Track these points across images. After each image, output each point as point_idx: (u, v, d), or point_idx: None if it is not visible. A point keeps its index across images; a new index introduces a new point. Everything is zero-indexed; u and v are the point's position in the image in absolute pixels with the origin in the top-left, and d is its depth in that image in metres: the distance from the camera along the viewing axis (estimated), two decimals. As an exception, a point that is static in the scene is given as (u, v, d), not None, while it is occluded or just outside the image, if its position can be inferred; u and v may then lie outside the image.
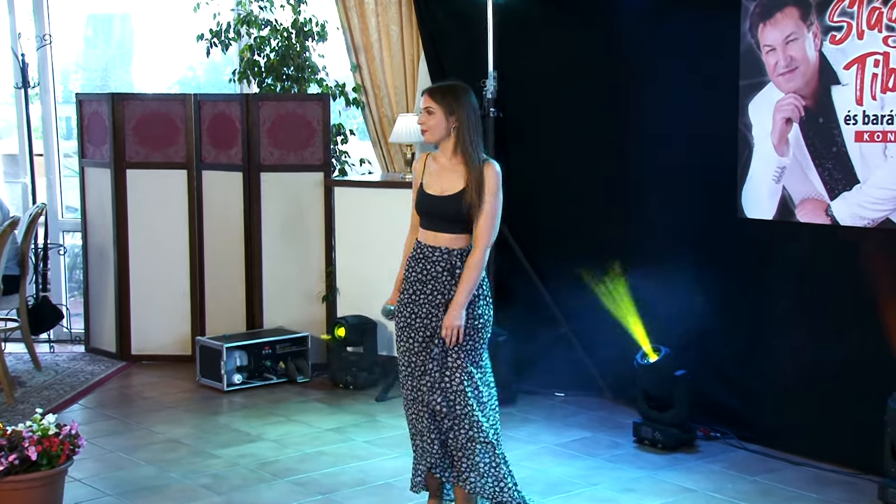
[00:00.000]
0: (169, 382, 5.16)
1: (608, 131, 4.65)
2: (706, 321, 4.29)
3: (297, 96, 5.43)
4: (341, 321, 4.98)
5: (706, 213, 4.31)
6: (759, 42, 4.02)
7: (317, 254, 5.38)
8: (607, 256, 4.64)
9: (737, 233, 4.20)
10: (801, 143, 3.93)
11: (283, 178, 5.33)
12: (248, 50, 5.57)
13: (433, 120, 3.08)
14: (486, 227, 3.05)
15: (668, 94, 4.36)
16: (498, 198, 3.06)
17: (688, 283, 4.35)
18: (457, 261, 3.10)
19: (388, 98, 5.54)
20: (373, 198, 5.13)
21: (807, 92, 3.89)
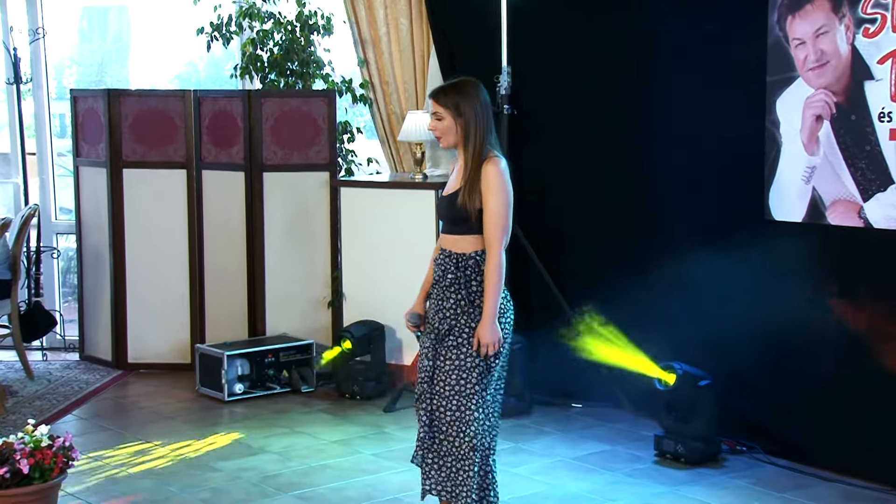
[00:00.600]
0: (167, 392, 5.18)
1: (627, 129, 4.64)
2: (731, 328, 4.28)
3: (302, 93, 5.45)
4: (346, 333, 4.97)
5: (731, 216, 4.30)
6: (788, 35, 4.01)
7: (322, 258, 5.39)
8: (625, 259, 4.64)
9: (764, 236, 4.19)
10: (833, 141, 3.92)
11: (286, 178, 5.34)
12: (251, 44, 5.59)
13: (444, 125, 3.07)
14: (493, 229, 3.00)
15: (690, 90, 4.36)
16: (501, 196, 2.99)
17: (711, 288, 4.33)
18: (451, 265, 3.07)
19: (397, 94, 5.55)
20: (381, 199, 5.13)
21: (838, 88, 3.88)
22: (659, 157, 4.54)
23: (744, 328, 4.26)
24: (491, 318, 2.99)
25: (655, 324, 4.50)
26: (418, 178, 5.13)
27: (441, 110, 3.06)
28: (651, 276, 4.52)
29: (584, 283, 4.81)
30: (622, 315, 4.56)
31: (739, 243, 4.28)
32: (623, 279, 4.61)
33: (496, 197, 2.99)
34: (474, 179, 3.01)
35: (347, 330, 4.99)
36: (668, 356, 4.24)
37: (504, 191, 3.00)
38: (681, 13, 4.37)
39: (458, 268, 3.07)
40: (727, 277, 4.30)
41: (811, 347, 4.06)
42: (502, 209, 3.00)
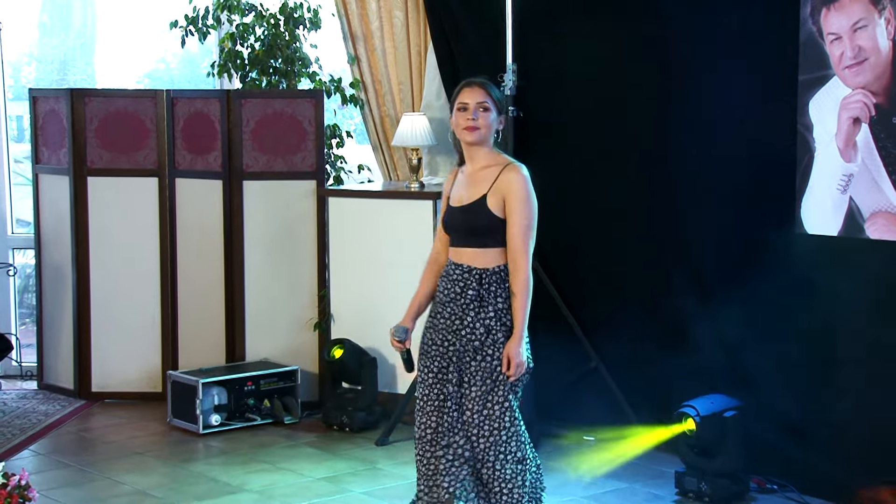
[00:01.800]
0: (136, 424, 5.16)
1: (644, 135, 4.66)
2: (760, 353, 4.28)
3: (286, 93, 5.46)
4: (340, 340, 4.99)
5: (759, 229, 4.31)
6: (822, 30, 4.03)
7: (308, 275, 5.39)
8: (643, 278, 4.64)
9: (796, 251, 4.20)
10: (872, 146, 3.93)
11: (269, 186, 5.35)
12: (230, 39, 5.60)
13: (487, 117, 3.19)
14: (521, 241, 3.13)
15: (714, 91, 4.38)
16: (528, 206, 3.14)
17: (738, 309, 4.33)
18: (472, 281, 3.16)
19: (391, 95, 5.56)
20: (373, 210, 5.14)
21: (878, 87, 3.90)
22: (679, 165, 4.55)
23: (773, 352, 4.25)
24: (521, 336, 3.12)
25: (675, 347, 4.50)
26: (414, 186, 5.13)
27: (490, 102, 3.19)
28: (671, 295, 4.53)
29: (599, 306, 4.80)
30: (639, 337, 4.56)
31: (768, 259, 4.28)
32: (642, 300, 4.62)
33: (524, 207, 3.13)
34: (503, 187, 3.14)
35: (340, 341, 5.01)
36: (690, 384, 4.23)
37: (531, 200, 3.15)
38: (702, 7, 4.39)
39: (481, 284, 3.15)
40: (755, 297, 4.29)
41: (849, 374, 4.07)
42: (530, 220, 3.13)
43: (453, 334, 3.19)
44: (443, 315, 3.22)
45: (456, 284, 3.18)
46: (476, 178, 3.22)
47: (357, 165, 5.80)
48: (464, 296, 3.16)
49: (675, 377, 4.45)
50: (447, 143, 5.37)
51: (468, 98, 3.21)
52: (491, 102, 3.19)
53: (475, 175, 3.22)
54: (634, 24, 4.64)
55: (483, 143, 3.22)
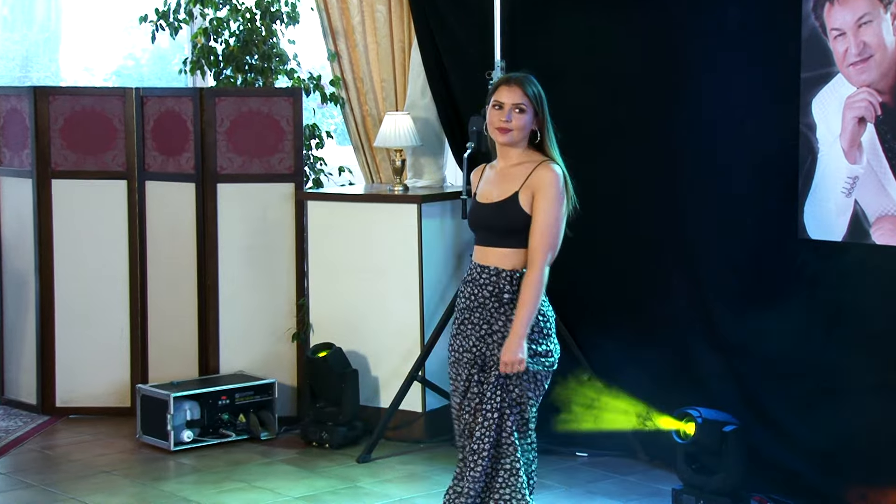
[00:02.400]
0: (103, 441, 5.14)
1: (640, 135, 4.67)
2: (760, 365, 4.29)
3: (263, 91, 5.45)
4: (329, 344, 5.01)
5: (760, 234, 4.32)
6: (826, 25, 4.05)
7: (286, 282, 5.38)
8: (637, 284, 4.64)
9: (798, 258, 4.21)
10: (878, 147, 3.95)
11: (244, 190, 5.34)
12: (203, 34, 5.59)
13: (523, 119, 3.24)
14: (541, 241, 3.18)
15: (713, 89, 4.39)
16: (556, 206, 3.20)
17: (736, 319, 4.35)
18: (505, 284, 3.21)
19: (374, 93, 5.56)
20: (355, 214, 5.13)
21: (884, 86, 3.92)
22: (676, 166, 4.56)
23: (775, 365, 4.27)
24: (520, 336, 3.14)
25: (673, 359, 4.51)
26: (398, 189, 5.13)
27: (527, 103, 3.23)
28: (668, 302, 4.53)
29: (593, 313, 4.80)
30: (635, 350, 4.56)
31: (769, 266, 4.30)
32: (636, 306, 4.61)
33: (552, 206, 3.19)
34: (534, 184, 3.19)
35: (328, 345, 5.02)
36: (688, 398, 4.24)
37: (560, 202, 3.22)
38: (701, 1, 4.40)
39: (513, 285, 3.21)
40: (754, 306, 4.31)
41: (855, 387, 4.07)
42: (555, 221, 3.20)
43: (483, 340, 3.24)
44: (471, 321, 3.26)
45: (484, 289, 3.23)
46: (508, 175, 3.26)
47: (338, 167, 5.80)
48: (496, 299, 3.21)
49: (671, 387, 4.45)
50: (432, 144, 5.39)
51: (504, 97, 3.24)
52: (528, 103, 3.23)
53: (507, 171, 3.27)
54: (630, 19, 4.65)
55: (516, 144, 3.26)
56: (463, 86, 5.21)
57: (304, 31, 5.73)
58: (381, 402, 5.10)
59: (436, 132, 5.38)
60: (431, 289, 5.02)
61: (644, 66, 4.62)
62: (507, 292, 3.21)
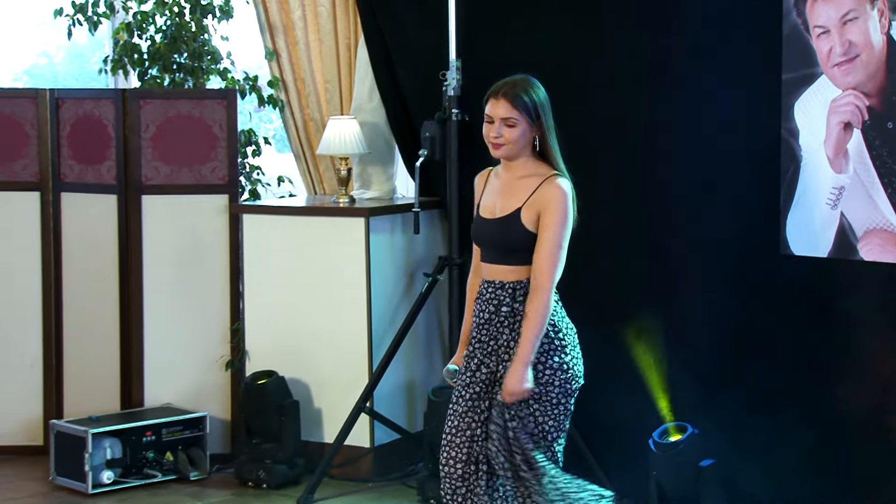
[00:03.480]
0: (12, 484, 5.07)
1: (607, 142, 4.68)
2: (741, 393, 4.31)
3: (193, 93, 5.43)
4: (267, 372, 5.00)
5: (739, 249, 4.35)
6: (808, 22, 4.10)
7: (219, 305, 5.35)
8: (606, 302, 4.64)
9: (780, 275, 4.24)
10: (865, 155, 4.00)
11: (172, 202, 5.31)
12: (125, 30, 5.55)
13: (514, 133, 3.30)
14: (547, 261, 3.24)
15: (686, 92, 4.42)
16: (563, 226, 3.28)
17: (714, 341, 4.36)
18: (505, 296, 3.29)
19: (316, 95, 5.55)
20: (295, 229, 5.12)
21: (871, 88, 3.97)
22: (645, 176, 4.58)
23: (758, 392, 4.29)
24: (524, 363, 3.20)
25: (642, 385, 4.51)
26: (343, 201, 5.12)
27: (517, 115, 3.29)
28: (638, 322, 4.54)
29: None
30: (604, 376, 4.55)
31: (749, 284, 4.33)
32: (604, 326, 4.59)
33: (558, 225, 3.26)
34: (540, 201, 3.27)
35: (269, 373, 5.00)
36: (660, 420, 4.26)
37: (566, 220, 3.29)
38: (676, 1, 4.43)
39: (514, 298, 3.30)
40: (734, 327, 4.33)
41: (843, 417, 4.11)
42: (560, 240, 3.27)
43: (489, 357, 3.32)
44: (479, 339, 3.35)
45: (489, 304, 3.33)
46: (512, 188, 3.33)
47: (276, 177, 5.78)
48: (498, 314, 3.30)
49: (642, 411, 4.47)
50: (381, 151, 5.38)
51: (492, 111, 3.32)
52: (519, 116, 3.28)
53: (512, 184, 3.34)
54: (597, 17, 4.68)
55: (515, 157, 3.32)
56: (415, 87, 5.21)
57: (238, 27, 5.70)
58: (325, 437, 5.07)
59: (385, 138, 5.37)
60: (380, 311, 5.00)
61: (611, 66, 4.65)
62: (506, 305, 3.29)
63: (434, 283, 4.87)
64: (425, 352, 5.24)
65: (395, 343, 4.83)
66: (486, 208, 3.38)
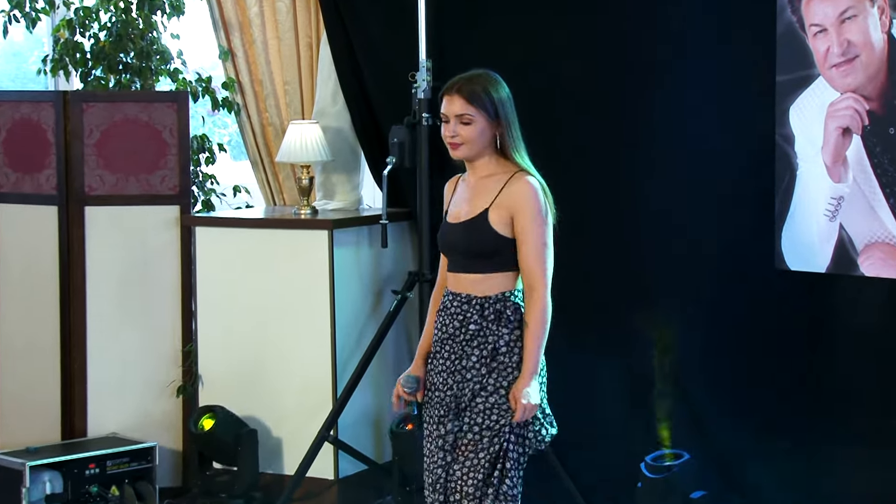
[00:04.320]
0: (-58, 521, 5.00)
1: (588, 149, 4.70)
2: (733, 421, 4.33)
3: (141, 95, 5.42)
4: (211, 408, 4.97)
5: (730, 265, 4.37)
6: (804, 20, 4.12)
7: (169, 325, 5.33)
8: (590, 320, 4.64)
9: (774, 292, 4.26)
10: (865, 163, 4.02)
11: (119, 214, 5.30)
12: (67, 27, 5.53)
13: (472, 130, 3.29)
14: (537, 262, 3.25)
15: (673, 95, 4.43)
16: (542, 222, 3.27)
17: (704, 363, 4.38)
18: (473, 313, 3.27)
19: (275, 98, 5.55)
20: (253, 243, 5.11)
21: (871, 90, 4.00)
22: (631, 185, 4.59)
23: (751, 420, 4.31)
24: (531, 374, 3.21)
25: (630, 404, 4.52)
26: (305, 213, 5.10)
27: (473, 112, 3.28)
28: (625, 344, 4.56)
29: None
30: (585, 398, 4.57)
31: (741, 302, 4.35)
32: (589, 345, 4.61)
33: (537, 224, 3.25)
34: (508, 199, 3.26)
35: (211, 409, 4.98)
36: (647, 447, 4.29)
37: (544, 216, 3.28)
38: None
39: (483, 315, 3.27)
40: (725, 349, 4.35)
41: (842, 444, 4.13)
42: (545, 237, 3.27)
43: (452, 376, 3.29)
44: (441, 355, 3.33)
45: (454, 318, 3.30)
46: (478, 189, 3.34)
47: (232, 187, 5.78)
48: (464, 331, 3.28)
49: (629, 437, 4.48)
50: (345, 159, 5.37)
51: (447, 109, 3.33)
52: (476, 112, 3.28)
53: (477, 185, 3.34)
54: (577, 15, 4.69)
55: (476, 157, 3.33)
56: (382, 89, 5.21)
57: (190, 24, 5.70)
58: (286, 468, 5.05)
59: (350, 145, 5.37)
60: (346, 331, 4.99)
61: (592, 69, 4.66)
62: (474, 322, 3.26)
63: (403, 300, 4.85)
64: (394, 375, 5.15)
65: (361, 366, 4.81)
66: (452, 214, 3.39)
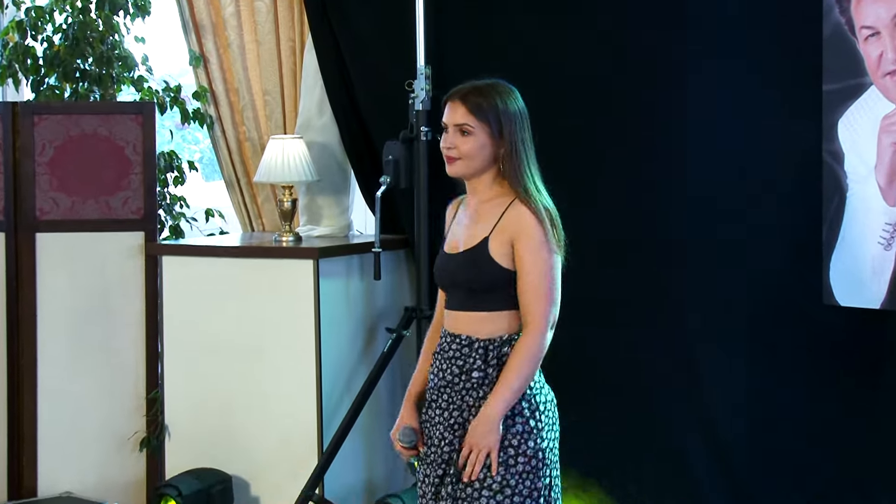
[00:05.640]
0: None
1: (605, 165, 4.70)
2: (770, 477, 4.33)
3: (100, 106, 5.44)
4: (169, 489, 4.90)
5: (770, 301, 4.37)
6: (854, 22, 4.12)
7: (132, 368, 5.34)
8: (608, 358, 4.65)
9: (821, 331, 4.26)
10: (925, 184, 4.03)
11: (74, 241, 5.31)
12: (16, 30, 5.57)
13: (471, 143, 3.29)
14: (535, 299, 3.22)
15: (704, 106, 4.44)
16: (545, 252, 3.24)
17: (740, 410, 4.39)
18: (476, 358, 3.26)
19: (253, 109, 5.57)
20: (227, 274, 5.10)
21: (930, 102, 4.01)
22: (655, 207, 4.59)
23: (791, 474, 4.31)
24: (496, 411, 3.17)
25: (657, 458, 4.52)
26: (287, 240, 5.10)
27: (474, 123, 3.28)
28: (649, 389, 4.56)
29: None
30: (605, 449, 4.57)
31: (783, 342, 4.34)
32: (613, 395, 4.61)
33: (538, 254, 3.23)
34: (504, 227, 3.25)
35: (171, 484, 4.92)
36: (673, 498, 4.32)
37: (548, 245, 3.25)
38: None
39: (486, 361, 3.26)
40: (762, 393, 4.35)
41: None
42: (547, 270, 3.24)
43: (451, 430, 3.27)
44: (438, 405, 3.32)
45: (453, 363, 3.29)
46: (479, 215, 3.33)
47: (204, 211, 5.79)
48: (465, 378, 3.27)
49: (653, 487, 4.49)
50: (333, 179, 5.38)
51: (447, 116, 3.33)
52: (476, 123, 3.28)
53: (478, 210, 3.34)
54: (594, 16, 4.70)
55: (474, 176, 3.32)
56: (375, 100, 5.23)
57: (157, 26, 5.72)
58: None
59: (338, 162, 5.37)
60: (333, 375, 4.97)
61: (612, 75, 4.66)
62: (478, 369, 3.25)
63: (399, 339, 4.84)
64: (388, 425, 5.17)
65: (350, 415, 4.80)
66: (449, 243, 3.40)
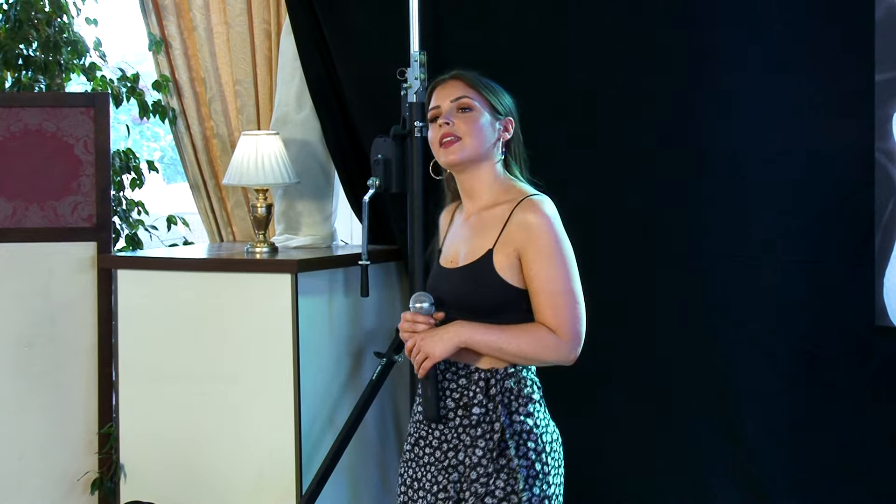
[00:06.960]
0: None
1: (622, 166, 4.72)
2: None
3: (46, 98, 5.46)
4: None
5: (813, 321, 4.39)
6: (912, 5, 4.15)
7: (82, 399, 5.35)
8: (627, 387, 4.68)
9: (873, 355, 4.28)
10: None
11: (16, 252, 5.33)
12: (-49, 12, 5.61)
13: (473, 120, 3.27)
14: (557, 314, 3.17)
15: (738, 101, 4.47)
16: (561, 258, 3.21)
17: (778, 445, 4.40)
18: (477, 391, 3.24)
19: (222, 102, 5.60)
20: (193, 290, 5.09)
21: None
22: (680, 214, 4.61)
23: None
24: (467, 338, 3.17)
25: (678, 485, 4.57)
26: (261, 251, 5.10)
27: (474, 94, 3.30)
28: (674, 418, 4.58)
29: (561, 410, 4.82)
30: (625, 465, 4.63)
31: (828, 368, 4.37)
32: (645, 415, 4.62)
33: (554, 262, 3.19)
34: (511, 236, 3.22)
35: None
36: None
37: (564, 250, 3.22)
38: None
39: (487, 395, 3.24)
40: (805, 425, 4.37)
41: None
42: (567, 279, 3.20)
43: (445, 473, 3.27)
44: (429, 443, 3.32)
45: (449, 395, 3.28)
46: (479, 224, 3.31)
47: (166, 218, 5.80)
48: (463, 413, 3.26)
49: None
50: (314, 181, 5.37)
51: (439, 98, 3.31)
52: (479, 97, 3.30)
53: (479, 219, 3.32)
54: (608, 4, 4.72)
55: (476, 163, 3.29)
56: (362, 91, 5.22)
57: (111, 7, 5.76)
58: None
59: (320, 162, 5.37)
60: (314, 406, 4.97)
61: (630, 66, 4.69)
62: (479, 404, 3.23)
63: (389, 365, 4.83)
64: (377, 463, 5.21)
65: (334, 452, 4.79)
66: (446, 256, 3.39)
